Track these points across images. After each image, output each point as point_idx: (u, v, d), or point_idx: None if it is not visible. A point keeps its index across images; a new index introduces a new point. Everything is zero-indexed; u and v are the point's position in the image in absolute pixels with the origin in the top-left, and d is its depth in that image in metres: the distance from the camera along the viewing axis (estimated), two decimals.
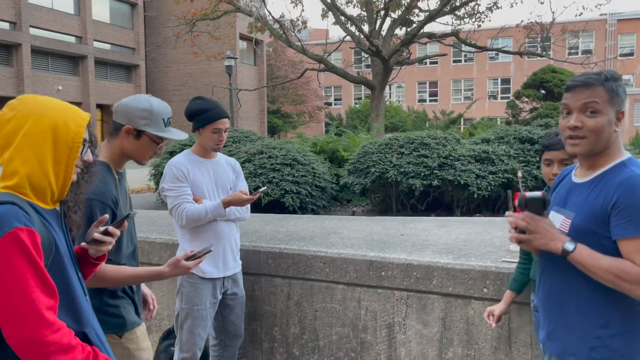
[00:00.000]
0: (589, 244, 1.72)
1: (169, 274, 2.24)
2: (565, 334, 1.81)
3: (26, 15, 26.44)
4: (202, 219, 2.93)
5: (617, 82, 1.76)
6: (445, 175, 7.34)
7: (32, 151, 1.53)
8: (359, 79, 14.57)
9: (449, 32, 14.39)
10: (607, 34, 42.54)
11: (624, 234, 1.65)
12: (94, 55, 30.11)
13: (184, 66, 33.88)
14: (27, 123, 1.54)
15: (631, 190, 1.65)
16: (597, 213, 1.71)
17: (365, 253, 3.22)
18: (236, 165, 3.28)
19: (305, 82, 34.49)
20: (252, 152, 8.33)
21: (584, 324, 1.76)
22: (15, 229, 1.42)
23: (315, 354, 3.36)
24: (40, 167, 1.53)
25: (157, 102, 2.31)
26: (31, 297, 1.42)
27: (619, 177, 1.70)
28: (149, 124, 2.26)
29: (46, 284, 1.46)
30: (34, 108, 1.57)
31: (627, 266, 1.63)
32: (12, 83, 26.10)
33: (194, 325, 3.03)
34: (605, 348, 1.73)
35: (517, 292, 2.66)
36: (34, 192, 1.53)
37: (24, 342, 1.41)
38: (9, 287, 1.40)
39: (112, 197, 2.23)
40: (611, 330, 1.72)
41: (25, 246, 1.42)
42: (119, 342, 2.27)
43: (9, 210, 1.44)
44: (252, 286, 3.49)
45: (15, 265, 1.41)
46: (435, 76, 47.91)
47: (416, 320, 3.07)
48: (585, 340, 1.75)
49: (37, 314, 1.42)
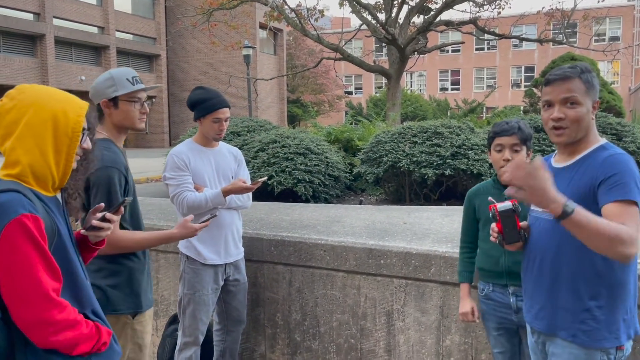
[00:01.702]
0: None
1: (179, 235, 2.44)
2: (554, 311, 1.93)
3: (50, 6, 26.86)
4: (202, 207, 2.98)
5: (591, 73, 1.89)
6: (458, 165, 7.30)
7: (33, 141, 1.58)
8: (375, 67, 14.49)
9: (467, 20, 14.20)
10: (635, 20, 41.44)
11: (610, 199, 1.75)
12: (116, 46, 30.50)
13: (204, 55, 34.10)
14: (28, 113, 1.59)
15: (615, 165, 1.79)
16: (584, 192, 1.83)
17: (365, 241, 3.25)
18: (238, 153, 3.32)
19: (325, 71, 34.40)
20: (266, 142, 8.39)
21: (574, 299, 1.88)
22: (21, 215, 1.47)
23: (316, 340, 3.41)
24: (41, 156, 1.59)
25: (117, 69, 2.47)
26: (39, 280, 1.48)
27: (601, 157, 1.83)
28: (116, 89, 2.40)
29: (51, 268, 1.52)
30: (34, 98, 1.61)
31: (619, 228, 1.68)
32: (36, 73, 26.62)
33: (196, 310, 3.10)
34: (593, 319, 1.86)
35: (470, 283, 2.68)
36: (36, 180, 1.59)
37: (33, 322, 1.48)
38: (17, 271, 1.47)
39: (124, 165, 2.37)
40: (599, 302, 1.85)
41: (30, 232, 1.48)
42: (130, 322, 2.39)
43: (14, 197, 1.50)
44: (255, 273, 3.55)
45: (22, 250, 1.47)
46: (457, 64, 47.34)
47: (414, 308, 3.10)
48: (575, 314, 1.88)
49: (45, 295, 1.49)
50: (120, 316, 2.37)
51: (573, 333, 1.88)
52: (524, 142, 2.47)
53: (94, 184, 2.30)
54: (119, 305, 2.36)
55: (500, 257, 2.48)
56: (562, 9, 14.45)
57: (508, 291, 2.50)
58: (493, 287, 2.55)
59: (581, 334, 1.87)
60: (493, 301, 2.55)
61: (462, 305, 2.65)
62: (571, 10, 13.93)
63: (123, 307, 2.37)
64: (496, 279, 2.53)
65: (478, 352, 2.96)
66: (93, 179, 2.29)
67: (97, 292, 2.37)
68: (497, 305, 2.54)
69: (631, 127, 7.90)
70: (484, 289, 2.60)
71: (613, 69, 40.69)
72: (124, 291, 2.38)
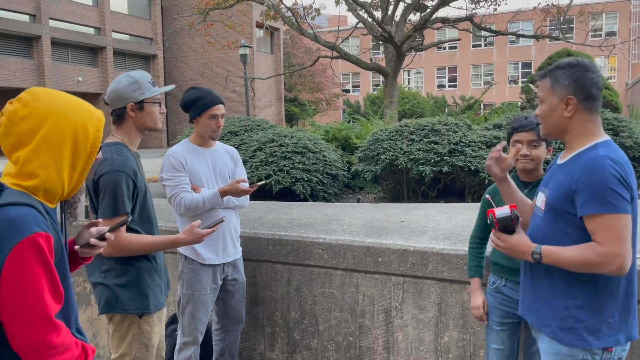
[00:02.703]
0: (561, 222, 1.88)
1: (185, 240, 2.44)
2: (541, 307, 1.99)
3: (45, 7, 26.82)
4: (199, 208, 2.99)
5: (563, 70, 1.92)
6: (455, 162, 7.31)
7: (50, 156, 1.50)
8: (372, 65, 14.49)
9: (463, 17, 14.20)
10: (631, 15, 41.47)
11: (584, 211, 1.79)
12: (112, 46, 30.46)
13: (201, 55, 34.07)
14: (46, 124, 1.49)
15: (592, 170, 1.78)
16: (565, 192, 1.85)
17: (363, 239, 3.26)
18: (234, 153, 3.33)
19: (322, 70, 34.41)
20: (264, 141, 8.39)
21: (555, 297, 1.93)
22: (35, 234, 1.42)
23: (315, 338, 3.42)
24: (57, 172, 1.52)
25: (135, 72, 2.50)
26: (44, 304, 1.44)
27: (585, 158, 1.84)
28: (143, 92, 2.44)
29: (56, 290, 1.49)
30: (52, 107, 1.51)
31: (587, 254, 1.78)
32: (33, 75, 26.58)
33: (195, 310, 3.11)
34: (573, 318, 1.88)
35: (480, 277, 2.71)
36: (45, 194, 1.53)
37: (32, 345, 1.44)
38: (23, 293, 1.41)
39: (133, 170, 2.40)
40: (578, 301, 1.88)
41: (43, 252, 1.43)
42: (137, 321, 2.43)
43: (29, 213, 1.44)
44: (254, 272, 3.56)
45: (32, 272, 1.41)
46: (454, 61, 47.36)
47: (412, 305, 3.11)
48: (556, 311, 1.92)
49: (48, 319, 1.45)
50: (127, 315, 2.41)
51: (553, 330, 1.93)
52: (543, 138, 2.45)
53: (102, 187, 2.33)
54: (127, 305, 2.40)
55: None
56: (557, 5, 14.47)
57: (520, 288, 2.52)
58: (505, 282, 2.56)
59: (560, 331, 1.91)
60: (502, 295, 2.57)
61: (474, 299, 2.68)
62: (567, 6, 13.95)
63: (131, 307, 2.41)
64: (511, 275, 2.53)
65: (476, 348, 2.97)
66: (101, 183, 2.32)
67: (106, 291, 2.40)
68: (506, 299, 2.55)
69: (628, 122, 7.91)
70: (495, 282, 2.61)
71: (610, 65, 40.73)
72: (132, 291, 2.42)
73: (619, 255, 1.74)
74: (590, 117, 1.91)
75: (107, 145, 2.42)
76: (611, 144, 1.89)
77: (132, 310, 2.40)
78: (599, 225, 1.76)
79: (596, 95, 1.90)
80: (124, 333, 2.42)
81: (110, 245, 2.31)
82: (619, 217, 1.75)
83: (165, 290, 2.60)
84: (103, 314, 2.45)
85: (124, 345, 2.41)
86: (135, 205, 2.42)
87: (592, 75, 1.89)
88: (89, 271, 2.50)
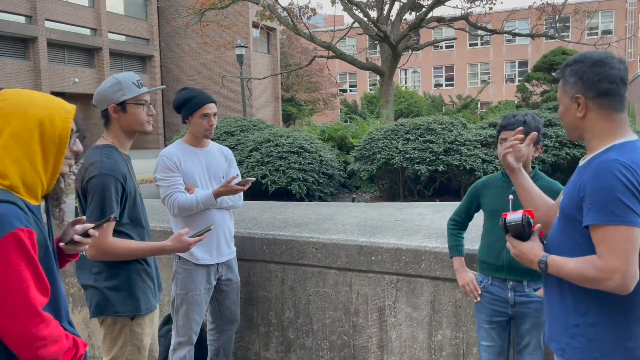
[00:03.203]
0: (571, 230, 1.74)
1: (172, 248, 2.45)
2: (552, 322, 1.85)
3: (41, 8, 26.75)
4: (193, 208, 3.00)
5: (570, 67, 1.77)
6: (450, 161, 7.33)
7: (22, 151, 1.55)
8: (368, 65, 14.50)
9: (458, 16, 14.22)
10: (627, 13, 41.57)
11: (587, 221, 1.65)
12: (108, 47, 30.40)
13: (198, 56, 34.02)
14: (12, 122, 1.55)
15: (597, 176, 1.63)
16: (574, 198, 1.71)
17: (356, 238, 3.27)
18: (228, 153, 3.34)
19: (319, 70, 34.39)
20: (259, 141, 8.40)
21: (565, 313, 1.78)
22: (17, 229, 1.45)
23: (310, 337, 3.43)
24: (31, 165, 1.56)
25: (121, 74, 2.49)
26: (30, 296, 1.48)
27: (595, 161, 1.68)
28: (124, 93, 2.42)
29: (41, 283, 1.52)
30: (17, 105, 1.57)
31: (585, 267, 1.64)
32: (29, 76, 26.53)
33: (189, 310, 3.12)
34: (584, 337, 1.72)
35: (461, 255, 2.75)
36: (27, 190, 1.57)
37: (20, 337, 1.48)
38: (8, 286, 1.45)
39: (122, 173, 2.39)
40: (589, 319, 1.71)
41: (25, 246, 1.46)
42: (129, 324, 2.43)
43: (10, 209, 1.48)
44: (248, 272, 3.57)
45: (16, 265, 1.45)
46: (451, 60, 47.41)
47: (406, 304, 3.12)
48: (567, 328, 1.77)
49: (34, 311, 1.49)
50: (119, 317, 2.41)
51: (562, 347, 1.78)
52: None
53: (90, 190, 2.33)
54: (118, 307, 2.40)
55: (502, 251, 2.51)
56: (552, 4, 14.50)
57: (507, 286, 2.53)
58: (492, 280, 2.59)
59: (570, 349, 1.76)
60: (490, 294, 2.59)
61: (461, 277, 2.68)
62: (562, 5, 13.98)
63: (122, 309, 2.41)
64: (496, 272, 2.56)
65: (469, 345, 2.99)
66: (90, 186, 2.31)
67: (97, 294, 2.41)
68: (494, 298, 2.57)
69: None
70: (482, 282, 2.63)
71: None
72: (122, 294, 2.42)
73: (617, 272, 1.57)
74: (607, 116, 1.72)
75: (97, 147, 2.42)
76: (629, 146, 1.68)
77: (124, 313, 2.40)
78: (601, 237, 1.61)
79: (609, 90, 1.70)
80: (116, 336, 2.42)
81: (95, 249, 2.31)
82: (622, 229, 1.57)
83: (157, 291, 2.60)
84: (94, 317, 2.45)
85: (115, 348, 2.42)
86: (124, 209, 2.41)
87: (600, 70, 1.70)
88: (79, 274, 2.50)
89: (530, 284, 2.51)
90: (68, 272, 4.17)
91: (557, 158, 7.17)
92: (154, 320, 2.59)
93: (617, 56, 1.76)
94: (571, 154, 7.20)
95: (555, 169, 7.31)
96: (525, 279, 2.51)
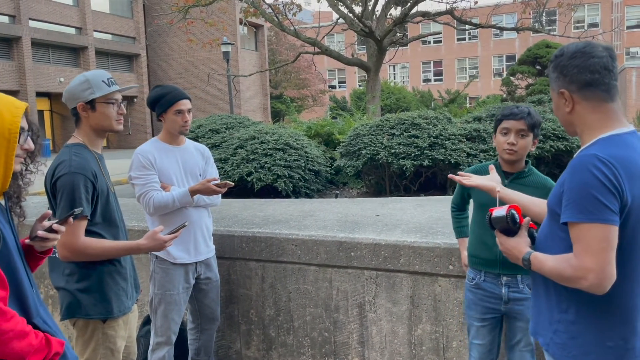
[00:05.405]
0: (554, 225, 1.71)
1: (146, 246, 2.40)
2: (537, 316, 1.83)
3: (25, 7, 26.47)
4: (169, 207, 2.96)
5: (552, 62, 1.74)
6: (435, 155, 7.34)
7: None
8: (354, 60, 14.48)
9: (443, 11, 14.23)
10: (613, 6, 41.84)
11: (563, 218, 1.62)
12: (94, 46, 30.15)
13: (185, 54, 33.85)
14: None
15: (574, 172, 1.59)
16: (556, 193, 1.68)
17: (335, 234, 3.25)
18: (205, 151, 3.30)
19: (307, 66, 34.32)
20: (245, 138, 8.36)
21: (550, 309, 1.76)
22: None
23: (291, 335, 3.41)
24: None
25: (91, 71, 2.46)
26: None
27: (576, 156, 1.64)
28: (93, 91, 2.39)
29: None
30: None
31: (562, 266, 1.62)
32: (14, 76, 26.24)
33: (168, 310, 3.09)
34: (566, 333, 1.70)
35: (467, 236, 2.72)
36: None
37: None
38: None
39: (92, 171, 2.35)
40: (570, 316, 1.70)
41: None
42: (101, 326, 2.39)
43: None
44: (228, 270, 3.54)
45: None
46: (439, 55, 47.52)
47: (386, 299, 3.11)
48: (550, 323, 1.76)
49: None
50: (90, 320, 2.37)
51: (547, 342, 1.77)
52: (532, 129, 2.41)
53: (59, 189, 2.29)
54: (89, 310, 2.36)
55: (495, 245, 2.31)
56: None
57: (500, 281, 2.45)
58: (485, 277, 2.49)
59: (553, 345, 1.74)
60: (482, 290, 2.51)
61: (464, 257, 2.68)
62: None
63: (93, 312, 2.37)
64: (489, 267, 2.47)
65: (449, 340, 2.98)
66: (59, 185, 2.28)
67: (68, 296, 2.36)
68: (486, 295, 2.49)
69: None
70: (474, 278, 2.54)
71: None
72: (94, 296, 2.37)
73: (591, 271, 1.53)
74: (595, 107, 1.65)
75: (67, 146, 2.39)
76: (615, 140, 1.62)
77: (95, 316, 2.36)
78: (577, 235, 1.58)
79: (592, 80, 1.63)
80: (88, 339, 2.38)
81: (68, 249, 2.28)
82: (597, 227, 1.53)
83: (133, 292, 2.56)
84: (65, 320, 2.41)
85: (88, 351, 2.38)
86: (96, 208, 2.37)
87: (578, 61, 1.64)
88: (52, 275, 2.46)
89: (525, 279, 2.42)
90: (47, 274, 4.12)
91: (541, 151, 7.20)
92: (129, 322, 2.55)
93: (602, 44, 1.69)
94: (555, 147, 7.23)
95: (539, 162, 7.34)
96: (520, 273, 2.42)
